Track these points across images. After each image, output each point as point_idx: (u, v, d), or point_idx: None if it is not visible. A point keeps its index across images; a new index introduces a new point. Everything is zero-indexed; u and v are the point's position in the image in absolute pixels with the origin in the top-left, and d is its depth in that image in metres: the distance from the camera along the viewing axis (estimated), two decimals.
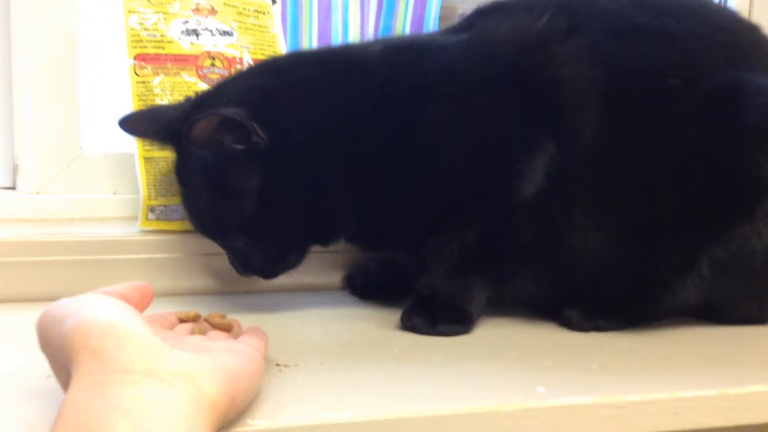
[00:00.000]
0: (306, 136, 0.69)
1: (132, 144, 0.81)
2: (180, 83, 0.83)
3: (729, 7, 1.08)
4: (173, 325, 0.58)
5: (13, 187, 0.88)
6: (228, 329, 0.59)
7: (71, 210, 0.87)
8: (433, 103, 0.69)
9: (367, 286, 0.84)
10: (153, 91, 0.81)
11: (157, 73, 0.82)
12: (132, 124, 0.75)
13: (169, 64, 0.83)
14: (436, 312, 0.70)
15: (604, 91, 0.67)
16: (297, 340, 0.67)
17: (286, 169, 0.68)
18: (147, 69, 0.82)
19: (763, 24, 0.76)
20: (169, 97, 0.82)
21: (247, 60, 0.87)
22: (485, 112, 0.69)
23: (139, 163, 0.81)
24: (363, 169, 0.70)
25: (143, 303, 0.53)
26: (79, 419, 0.39)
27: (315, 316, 0.75)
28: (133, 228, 0.81)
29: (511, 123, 0.69)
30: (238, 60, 0.86)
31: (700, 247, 0.69)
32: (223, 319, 0.60)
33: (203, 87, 0.84)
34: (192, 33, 0.85)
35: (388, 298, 0.80)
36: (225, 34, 0.87)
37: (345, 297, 0.84)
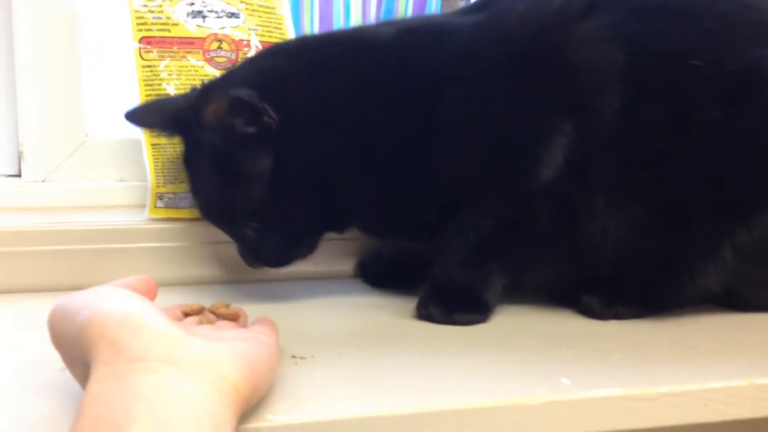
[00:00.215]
0: (318, 118, 0.67)
1: (139, 130, 0.79)
2: (186, 67, 0.81)
3: None
4: (179, 318, 0.57)
5: (18, 175, 0.87)
6: (235, 318, 0.58)
7: (77, 198, 0.86)
8: (448, 86, 0.67)
9: (379, 274, 0.82)
10: (159, 75, 0.79)
11: (163, 56, 0.80)
12: (139, 117, 0.74)
13: (175, 48, 0.81)
14: (453, 301, 0.69)
15: (625, 73, 0.65)
16: (311, 330, 0.66)
17: (297, 152, 0.67)
18: (153, 53, 0.80)
19: None
20: (175, 82, 0.80)
21: (255, 43, 0.85)
22: (501, 95, 0.67)
23: (147, 149, 0.79)
24: (376, 154, 0.68)
25: (150, 296, 0.51)
26: (100, 411, 0.38)
27: (328, 306, 0.74)
28: (141, 216, 0.80)
29: (529, 106, 0.67)
30: (245, 43, 0.84)
31: (724, 232, 0.67)
32: (229, 309, 0.59)
33: (210, 71, 0.82)
34: (198, 15, 0.83)
35: (401, 286, 0.79)
36: (232, 15, 0.84)
37: (357, 285, 0.82)
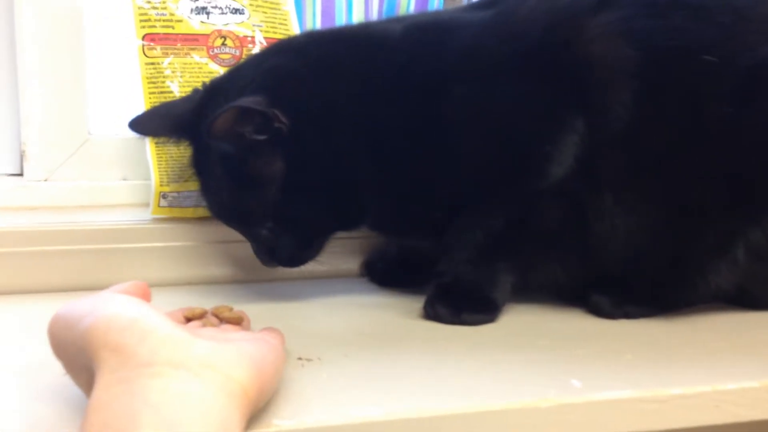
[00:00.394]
0: (328, 118, 0.67)
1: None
2: (191, 64, 0.80)
3: None
4: (181, 322, 0.56)
5: (20, 174, 0.86)
6: (238, 322, 0.57)
7: (80, 197, 0.86)
8: (458, 83, 0.67)
9: (386, 273, 0.82)
10: (163, 72, 0.79)
11: (167, 53, 0.79)
12: (143, 125, 0.73)
13: (179, 44, 0.80)
14: (460, 300, 0.68)
15: (637, 69, 0.64)
16: (317, 331, 0.65)
17: (309, 153, 0.66)
18: (156, 50, 0.79)
19: None
20: (179, 79, 0.79)
21: (259, 39, 0.84)
22: (512, 92, 0.66)
23: (150, 148, 0.78)
24: (385, 152, 0.68)
25: (145, 300, 0.50)
26: (106, 418, 0.37)
27: (334, 305, 0.73)
28: (145, 215, 0.79)
29: (539, 103, 0.66)
30: (249, 39, 0.83)
31: (736, 230, 0.66)
32: (232, 312, 0.58)
33: (214, 67, 0.81)
34: (202, 11, 0.82)
35: (407, 285, 0.78)
36: (236, 12, 0.83)
37: (363, 284, 0.82)
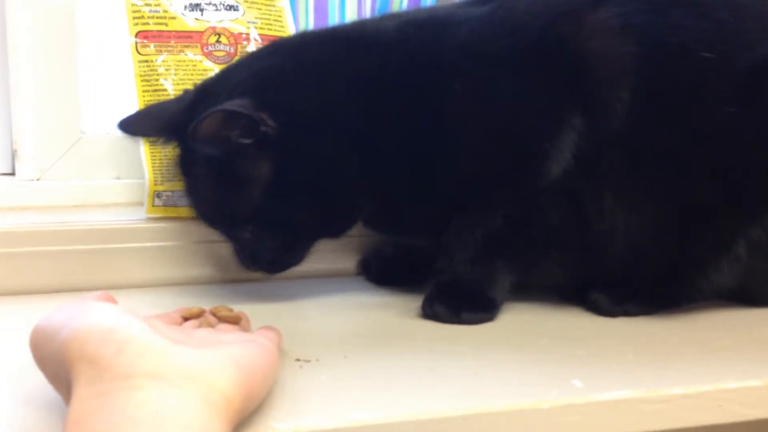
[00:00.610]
0: (318, 118, 0.66)
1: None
2: (184, 61, 0.79)
3: None
4: (178, 323, 0.55)
5: (12, 173, 0.85)
6: (236, 322, 0.57)
7: (73, 196, 0.85)
8: (455, 80, 0.66)
9: (383, 272, 0.81)
10: (156, 70, 0.78)
11: (161, 51, 0.78)
12: (132, 125, 0.71)
13: (172, 42, 0.79)
14: (459, 299, 0.67)
15: (637, 66, 0.64)
16: (315, 331, 0.64)
17: (297, 154, 0.65)
18: (149, 47, 0.78)
19: None
20: (173, 77, 0.78)
21: (254, 36, 0.83)
22: (508, 89, 0.66)
23: (144, 146, 0.77)
24: (380, 152, 0.67)
25: None
26: None
27: (331, 305, 0.72)
28: (139, 214, 0.78)
29: (537, 100, 0.65)
30: (244, 36, 0.82)
31: (737, 228, 0.66)
32: (231, 312, 0.57)
33: (209, 65, 0.80)
34: (195, 8, 0.81)
35: (405, 284, 0.78)
36: (230, 8, 0.82)
37: (360, 283, 0.81)
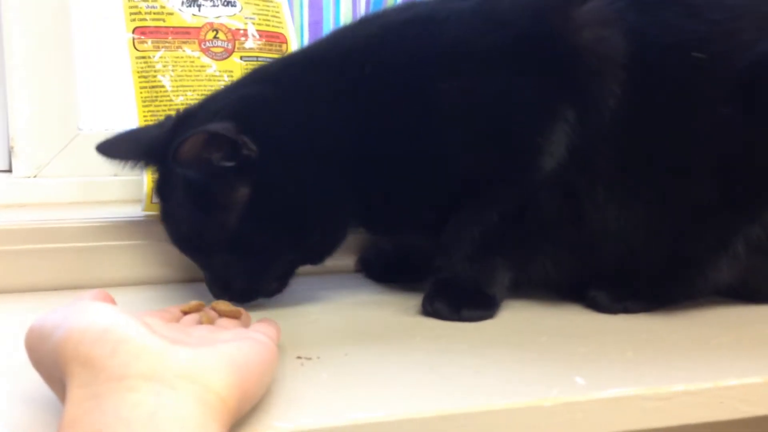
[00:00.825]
0: (301, 142, 0.64)
1: (134, 122, 0.76)
2: (182, 58, 0.78)
3: None
4: (177, 319, 0.55)
5: (8, 170, 0.85)
6: (237, 316, 0.56)
7: (70, 193, 0.85)
8: (443, 78, 0.65)
9: (382, 269, 0.81)
10: (154, 66, 0.77)
11: (158, 47, 0.78)
12: (112, 149, 0.69)
13: (170, 38, 0.78)
14: (459, 296, 0.67)
15: (627, 63, 0.63)
16: (315, 329, 0.64)
17: (277, 179, 0.63)
18: (147, 43, 0.78)
19: None
20: (171, 73, 0.77)
21: (252, 32, 0.82)
22: (498, 84, 0.65)
23: None
24: (371, 161, 0.65)
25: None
26: None
27: (331, 302, 0.72)
28: (137, 211, 0.78)
29: (527, 94, 0.65)
30: (242, 32, 0.82)
31: (735, 226, 0.65)
32: (230, 307, 0.57)
33: (206, 61, 0.79)
34: (193, 3, 0.80)
35: (404, 281, 0.78)
36: (228, 4, 0.82)
37: (360, 280, 0.81)
